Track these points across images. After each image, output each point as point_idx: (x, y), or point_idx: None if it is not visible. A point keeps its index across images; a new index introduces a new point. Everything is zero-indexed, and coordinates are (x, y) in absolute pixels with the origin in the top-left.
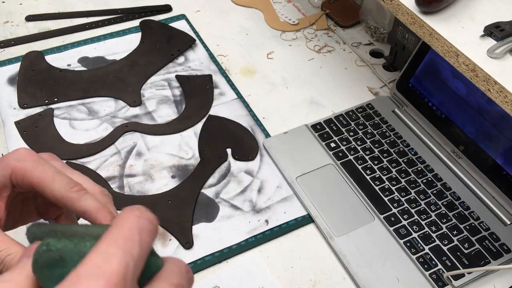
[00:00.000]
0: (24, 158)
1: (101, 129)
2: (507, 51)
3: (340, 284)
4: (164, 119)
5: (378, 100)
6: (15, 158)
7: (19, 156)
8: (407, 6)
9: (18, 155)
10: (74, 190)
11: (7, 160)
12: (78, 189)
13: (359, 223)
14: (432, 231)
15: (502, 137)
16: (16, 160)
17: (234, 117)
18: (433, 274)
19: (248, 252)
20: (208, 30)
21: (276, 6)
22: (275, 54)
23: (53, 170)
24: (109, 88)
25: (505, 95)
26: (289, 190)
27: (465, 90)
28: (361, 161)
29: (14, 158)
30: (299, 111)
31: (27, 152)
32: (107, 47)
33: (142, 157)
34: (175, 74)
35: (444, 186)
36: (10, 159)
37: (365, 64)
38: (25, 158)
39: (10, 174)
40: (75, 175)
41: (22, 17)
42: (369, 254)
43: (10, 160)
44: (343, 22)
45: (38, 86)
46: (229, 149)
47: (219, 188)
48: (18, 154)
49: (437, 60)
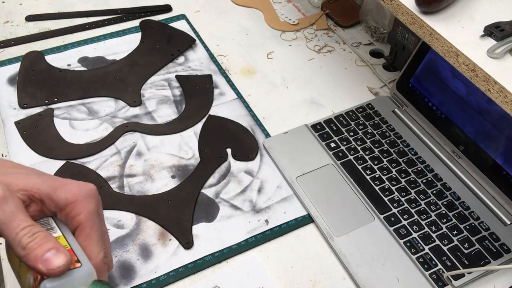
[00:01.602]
0: (90, 199)
1: (101, 129)
2: (507, 51)
3: (340, 284)
4: (164, 119)
5: (378, 100)
6: (84, 194)
7: (88, 192)
8: (407, 6)
9: (88, 190)
10: (104, 262)
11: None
12: (108, 261)
13: (359, 223)
14: (432, 231)
15: (502, 137)
16: (85, 196)
17: (234, 117)
18: (433, 274)
19: (248, 252)
20: (208, 30)
21: (276, 6)
22: (275, 54)
23: (100, 231)
24: (109, 88)
25: (505, 95)
26: (289, 190)
27: (465, 90)
28: (361, 161)
29: (84, 193)
30: (299, 111)
31: (95, 192)
32: (107, 47)
33: (142, 157)
34: (175, 74)
35: (444, 186)
36: (81, 191)
37: (365, 64)
38: (91, 199)
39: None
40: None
41: (22, 17)
42: (369, 254)
43: (80, 193)
44: (343, 22)
45: (38, 86)
46: (229, 149)
47: (219, 188)
48: (88, 189)
49: (437, 60)
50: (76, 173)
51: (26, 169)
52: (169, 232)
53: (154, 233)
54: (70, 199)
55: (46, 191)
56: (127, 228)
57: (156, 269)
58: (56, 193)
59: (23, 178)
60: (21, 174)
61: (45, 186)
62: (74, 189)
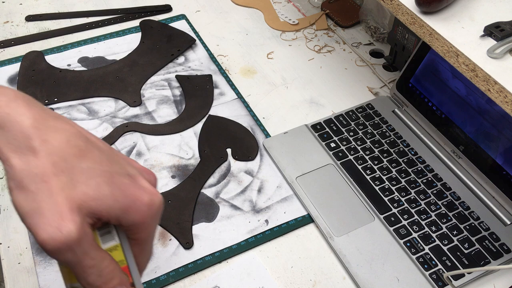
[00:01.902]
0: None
1: (101, 129)
2: (507, 51)
3: (340, 284)
4: (164, 119)
5: (378, 100)
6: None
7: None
8: (407, 6)
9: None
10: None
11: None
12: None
13: (359, 223)
14: (432, 231)
15: (502, 137)
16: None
17: (234, 117)
18: (433, 274)
19: (248, 252)
20: (208, 30)
21: (276, 6)
22: (275, 54)
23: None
24: (109, 88)
25: (505, 95)
26: (289, 190)
27: (465, 90)
28: (361, 161)
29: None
30: (299, 111)
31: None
32: (107, 47)
33: (142, 157)
34: (175, 74)
35: (444, 186)
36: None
37: (365, 64)
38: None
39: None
40: None
41: (22, 17)
42: (369, 254)
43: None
44: (343, 22)
45: (38, 86)
46: (229, 149)
47: (219, 188)
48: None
49: (437, 60)
50: None
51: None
52: (169, 232)
53: None
54: (138, 222)
55: (116, 214)
56: None
57: (156, 269)
58: (125, 216)
59: (94, 191)
60: (92, 180)
61: (116, 208)
62: (144, 209)
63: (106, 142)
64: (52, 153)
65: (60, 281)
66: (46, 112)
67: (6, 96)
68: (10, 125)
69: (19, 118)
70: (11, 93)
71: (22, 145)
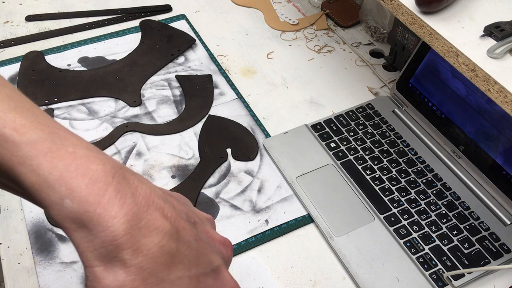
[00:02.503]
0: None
1: (101, 129)
2: (507, 51)
3: (340, 284)
4: (164, 119)
5: (378, 100)
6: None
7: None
8: (407, 6)
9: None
10: None
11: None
12: None
13: (359, 223)
14: (432, 231)
15: (502, 137)
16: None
17: (234, 117)
18: (433, 274)
19: (248, 252)
20: (208, 30)
21: (276, 6)
22: (275, 54)
23: None
24: (109, 88)
25: (505, 95)
26: (289, 190)
27: (465, 90)
28: (361, 161)
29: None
30: (299, 111)
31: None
32: (107, 47)
33: (142, 157)
34: (175, 74)
35: (444, 186)
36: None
37: (365, 64)
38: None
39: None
40: None
41: (22, 17)
42: (369, 254)
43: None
44: (343, 22)
45: (38, 86)
46: (229, 149)
47: (219, 188)
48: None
49: (437, 60)
50: None
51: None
52: None
53: None
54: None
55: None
56: None
57: None
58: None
59: None
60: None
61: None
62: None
63: (183, 198)
64: (143, 267)
65: (60, 281)
66: (138, 204)
67: (96, 184)
68: (100, 229)
69: (110, 222)
70: (100, 174)
71: (111, 255)
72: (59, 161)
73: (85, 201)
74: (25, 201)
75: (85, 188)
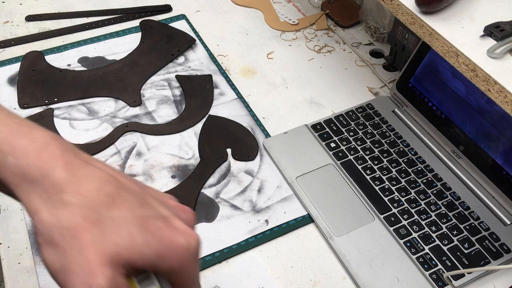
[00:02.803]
0: (194, 257)
1: (101, 129)
2: (507, 51)
3: (340, 284)
4: (164, 119)
5: (378, 100)
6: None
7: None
8: (407, 6)
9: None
10: None
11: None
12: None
13: (359, 223)
14: (432, 231)
15: (502, 137)
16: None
17: (234, 117)
18: (433, 274)
19: (248, 252)
20: (208, 30)
21: (276, 6)
22: (275, 54)
23: (198, 275)
24: (109, 88)
25: (505, 95)
26: (289, 190)
27: (465, 90)
28: (361, 161)
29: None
30: (299, 111)
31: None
32: (107, 47)
33: (142, 157)
34: (175, 74)
35: (444, 186)
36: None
37: (365, 64)
38: (194, 258)
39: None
40: None
41: (22, 17)
42: (369, 254)
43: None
44: (343, 22)
45: (38, 86)
46: (229, 149)
47: (219, 188)
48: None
49: (437, 60)
50: None
51: (126, 205)
52: None
53: None
54: (175, 267)
55: (151, 261)
56: None
57: None
58: (161, 262)
59: (126, 241)
60: (123, 229)
61: (151, 255)
62: (180, 253)
63: (138, 181)
64: (82, 205)
65: None
66: (78, 157)
67: (37, 143)
68: (42, 179)
69: (51, 171)
70: (42, 139)
71: (53, 199)
72: (5, 126)
73: (26, 156)
74: None
75: (25, 145)
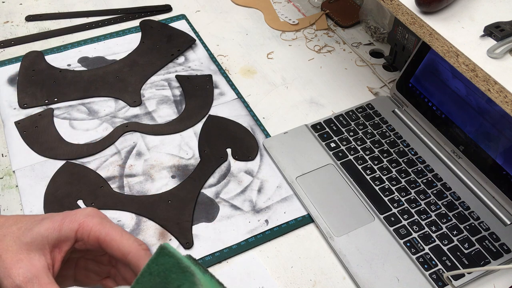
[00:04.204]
0: (93, 214)
1: (101, 129)
2: (507, 51)
3: (340, 284)
4: (164, 119)
5: (378, 100)
6: (84, 214)
7: (87, 212)
8: (407, 6)
9: (86, 211)
10: (143, 248)
11: (75, 215)
12: (145, 248)
13: (359, 223)
14: (432, 231)
15: (502, 137)
16: (84, 215)
17: (234, 117)
18: (433, 274)
19: (248, 252)
20: (208, 30)
21: (276, 6)
22: (275, 54)
23: (120, 228)
24: (109, 88)
25: (505, 95)
26: (289, 190)
27: (465, 90)
28: (361, 161)
29: (83, 214)
30: (299, 111)
31: (95, 210)
32: (107, 47)
33: (142, 157)
34: (175, 74)
35: (444, 186)
36: (79, 214)
37: (365, 64)
38: (93, 215)
39: (77, 228)
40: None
41: (22, 17)
42: (369, 254)
43: (79, 216)
44: (343, 22)
45: (38, 86)
46: (229, 149)
47: (219, 188)
48: (87, 210)
49: (437, 60)
50: (76, 173)
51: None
52: (169, 232)
53: (154, 233)
54: (75, 227)
55: (53, 237)
56: (127, 228)
57: None
58: (61, 233)
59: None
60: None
61: (53, 235)
62: (75, 216)
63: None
64: None
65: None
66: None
67: None
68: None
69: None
70: None
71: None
72: None
73: None
74: (25, 201)
75: None
